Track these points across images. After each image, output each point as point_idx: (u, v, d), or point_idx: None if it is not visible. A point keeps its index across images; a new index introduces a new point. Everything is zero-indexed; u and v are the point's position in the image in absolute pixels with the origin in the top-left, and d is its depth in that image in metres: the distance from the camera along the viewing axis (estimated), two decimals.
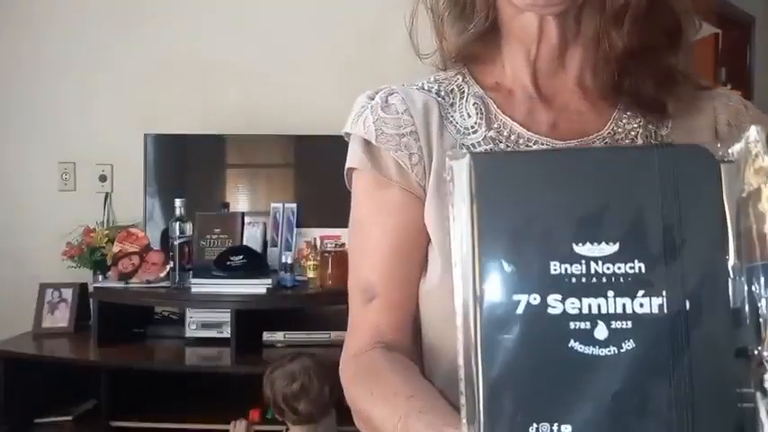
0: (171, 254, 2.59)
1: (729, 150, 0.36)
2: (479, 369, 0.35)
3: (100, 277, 2.75)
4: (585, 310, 0.35)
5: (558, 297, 0.35)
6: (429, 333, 0.73)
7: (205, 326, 2.59)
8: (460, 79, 0.79)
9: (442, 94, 0.77)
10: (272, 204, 2.83)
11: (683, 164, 0.36)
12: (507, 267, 0.36)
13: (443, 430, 0.51)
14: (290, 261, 2.67)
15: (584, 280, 0.35)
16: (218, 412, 2.42)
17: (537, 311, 0.35)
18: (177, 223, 2.58)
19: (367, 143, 0.75)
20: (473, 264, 0.36)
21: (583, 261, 0.35)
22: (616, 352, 0.34)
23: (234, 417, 2.25)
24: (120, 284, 2.62)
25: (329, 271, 2.52)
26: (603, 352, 0.35)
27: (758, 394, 0.34)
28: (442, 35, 0.79)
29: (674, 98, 0.73)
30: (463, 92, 0.77)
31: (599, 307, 0.35)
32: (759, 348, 0.34)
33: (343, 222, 0.79)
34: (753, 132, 0.36)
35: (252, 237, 2.77)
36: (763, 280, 0.35)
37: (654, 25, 0.71)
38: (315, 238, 2.68)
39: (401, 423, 0.58)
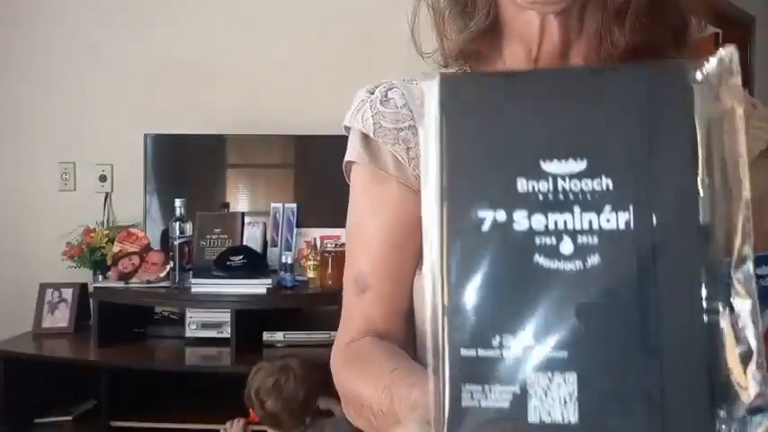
0: (171, 254, 2.59)
1: (703, 70, 0.36)
2: (444, 282, 0.36)
3: (100, 277, 2.75)
4: (552, 226, 0.35)
5: (525, 213, 0.35)
6: (423, 327, 0.72)
7: (205, 326, 2.59)
8: None
9: None
10: (272, 204, 2.83)
11: (655, 82, 0.35)
12: (473, 184, 0.36)
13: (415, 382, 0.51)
14: (290, 261, 2.67)
15: (550, 197, 0.35)
16: (218, 412, 2.41)
17: (503, 228, 0.35)
18: (177, 223, 2.58)
19: (365, 137, 0.75)
20: (440, 181, 0.36)
21: (550, 178, 0.35)
22: (581, 267, 0.34)
23: (234, 417, 2.25)
24: (120, 284, 2.62)
25: (329, 271, 2.51)
26: (568, 267, 0.34)
27: (726, 309, 0.34)
28: (443, 33, 0.78)
29: None
30: None
31: (565, 223, 0.35)
32: (728, 262, 0.34)
33: (343, 222, 0.79)
34: (726, 52, 0.36)
35: (252, 237, 2.77)
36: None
37: (658, 23, 0.70)
38: (315, 238, 2.67)
39: (386, 392, 0.57)
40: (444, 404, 0.34)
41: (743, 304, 0.34)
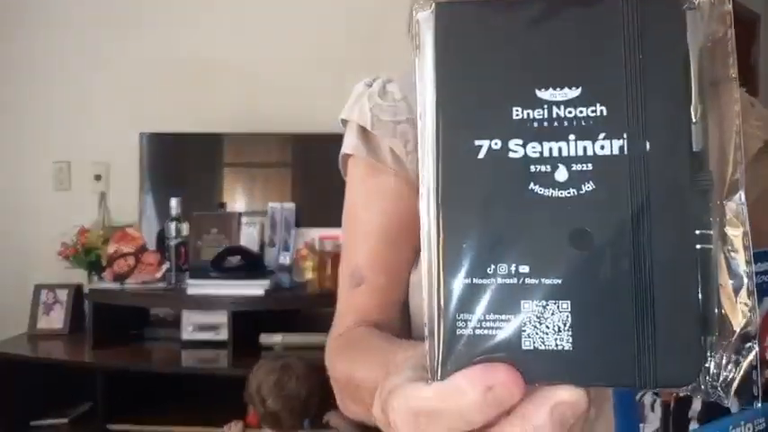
0: (167, 254, 2.57)
1: None
2: (438, 209, 0.36)
3: (95, 278, 2.72)
4: (546, 154, 0.35)
5: (520, 141, 0.35)
6: (418, 322, 0.73)
7: (201, 328, 2.56)
8: None
9: None
10: (270, 204, 2.80)
11: (646, 9, 0.35)
12: (468, 113, 0.36)
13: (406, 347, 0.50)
14: (287, 262, 2.64)
15: (545, 124, 0.35)
16: (215, 415, 2.39)
17: (498, 156, 0.35)
18: (173, 223, 2.56)
19: (363, 130, 0.75)
20: (435, 110, 0.36)
21: (545, 105, 0.35)
22: (575, 193, 0.34)
23: (231, 419, 2.23)
24: (116, 285, 2.60)
25: (328, 272, 2.48)
26: (563, 193, 0.34)
27: (718, 237, 0.35)
28: None
29: None
30: None
31: (560, 150, 0.35)
32: (720, 190, 0.35)
33: (342, 222, 0.78)
34: None
35: (249, 237, 2.74)
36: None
37: None
38: (313, 239, 2.64)
39: (382, 369, 0.54)
40: (439, 334, 0.34)
41: (734, 232, 0.35)
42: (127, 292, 2.57)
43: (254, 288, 2.46)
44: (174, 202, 2.56)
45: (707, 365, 0.34)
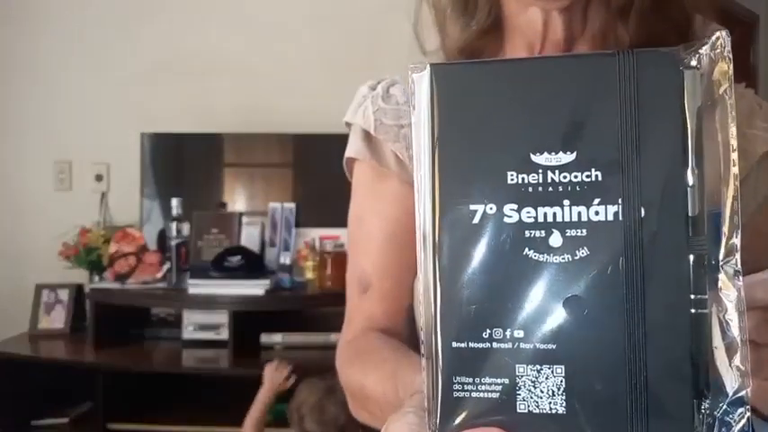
0: (168, 254, 2.57)
1: (694, 56, 0.36)
2: (437, 276, 0.36)
3: (96, 278, 2.72)
4: (541, 219, 0.35)
5: (515, 206, 0.35)
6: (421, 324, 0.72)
7: (202, 327, 2.57)
8: None
9: None
10: (270, 204, 2.80)
11: (643, 70, 0.35)
12: (464, 177, 0.36)
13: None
14: (288, 262, 2.65)
15: (540, 189, 0.35)
16: (216, 415, 2.39)
17: (493, 221, 0.36)
18: (174, 223, 2.56)
19: (366, 133, 0.75)
20: (432, 173, 0.37)
21: (540, 170, 0.35)
22: (570, 259, 0.35)
23: (231, 419, 2.23)
24: (117, 285, 2.60)
25: (328, 272, 2.49)
26: (557, 259, 0.35)
27: (713, 302, 0.34)
28: (445, 31, 0.78)
29: None
30: None
31: (554, 215, 0.35)
32: (716, 254, 0.35)
33: (342, 222, 0.78)
34: (717, 36, 0.36)
35: (250, 237, 2.74)
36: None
37: (662, 19, 0.69)
38: (314, 239, 2.65)
39: (390, 381, 0.58)
40: (437, 395, 0.35)
41: (729, 296, 0.34)
42: (128, 292, 2.57)
43: (255, 288, 2.46)
44: (174, 201, 2.57)
45: (699, 429, 0.34)
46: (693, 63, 0.35)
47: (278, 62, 2.91)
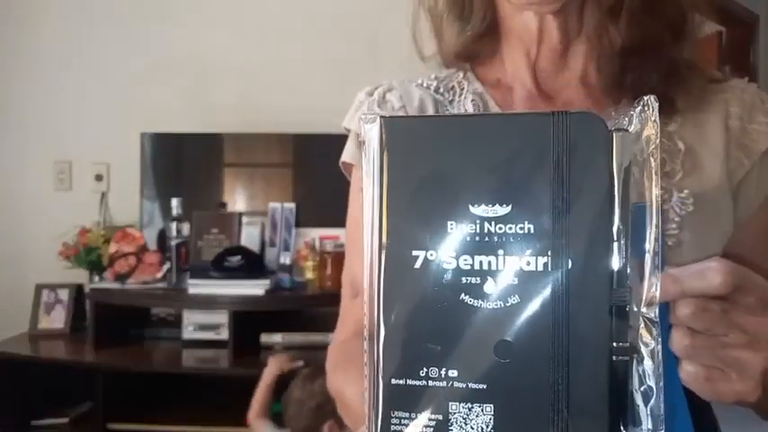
0: (168, 254, 2.57)
1: (625, 118, 0.39)
2: (379, 315, 0.39)
3: (96, 278, 2.73)
4: (477, 267, 0.38)
5: (453, 254, 0.38)
6: None
7: (202, 327, 2.57)
8: (461, 76, 0.79)
9: (441, 90, 0.77)
10: (270, 204, 2.80)
11: (576, 130, 0.38)
12: (409, 225, 0.39)
13: None
14: (288, 262, 2.65)
15: (477, 239, 0.38)
16: (216, 415, 2.40)
17: (433, 266, 0.38)
18: (174, 223, 2.56)
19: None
20: (380, 220, 0.39)
21: (477, 221, 0.38)
22: (502, 305, 0.37)
23: (231, 419, 2.23)
24: (117, 285, 2.60)
25: (328, 272, 2.49)
26: (491, 305, 0.38)
27: (632, 350, 0.38)
28: (442, 36, 0.79)
29: (683, 92, 0.71)
30: (462, 88, 0.77)
31: (489, 264, 0.38)
32: (637, 305, 0.38)
33: (342, 222, 0.79)
34: (647, 101, 0.39)
35: (250, 237, 2.74)
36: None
37: (656, 18, 0.69)
38: (313, 239, 2.65)
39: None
40: (376, 428, 0.38)
41: (647, 346, 0.38)
42: (128, 292, 2.57)
43: (255, 288, 2.46)
44: (174, 202, 2.57)
45: None
46: (624, 125, 0.38)
47: (278, 62, 2.91)
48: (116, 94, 2.96)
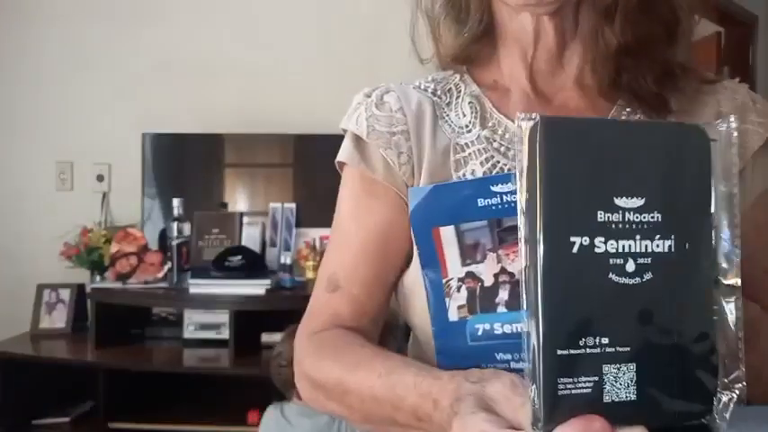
0: (169, 254, 2.58)
1: (717, 130, 0.49)
2: (540, 294, 0.45)
3: (97, 278, 2.73)
4: (620, 250, 0.46)
5: (602, 239, 0.45)
6: (416, 332, 0.75)
7: (203, 327, 2.58)
8: (458, 78, 0.80)
9: (439, 93, 0.78)
10: (271, 204, 2.81)
11: (685, 140, 0.48)
12: (567, 215, 0.46)
13: (436, 374, 0.58)
14: (288, 261, 2.66)
15: (620, 226, 0.46)
16: (217, 414, 2.41)
17: (587, 250, 0.45)
18: (175, 223, 2.57)
19: (358, 139, 0.76)
20: (538, 211, 0.46)
21: (620, 211, 0.46)
22: (640, 281, 0.46)
23: (232, 418, 2.23)
24: (118, 285, 2.61)
25: None
26: (631, 281, 0.46)
27: (726, 311, 0.49)
28: (439, 39, 0.80)
29: (677, 93, 0.72)
30: (460, 91, 0.78)
31: (630, 247, 0.46)
32: (728, 279, 0.49)
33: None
34: (731, 118, 0.50)
35: (250, 237, 2.75)
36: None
37: (651, 19, 0.70)
38: (314, 239, 2.66)
39: (381, 380, 0.62)
40: (541, 394, 0.44)
41: (731, 306, 0.49)
42: (129, 292, 2.58)
43: (256, 287, 2.47)
44: (176, 202, 2.58)
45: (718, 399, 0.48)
46: (716, 138, 0.49)
47: (279, 63, 2.92)
48: (118, 95, 2.97)
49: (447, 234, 0.63)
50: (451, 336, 0.62)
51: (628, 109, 0.73)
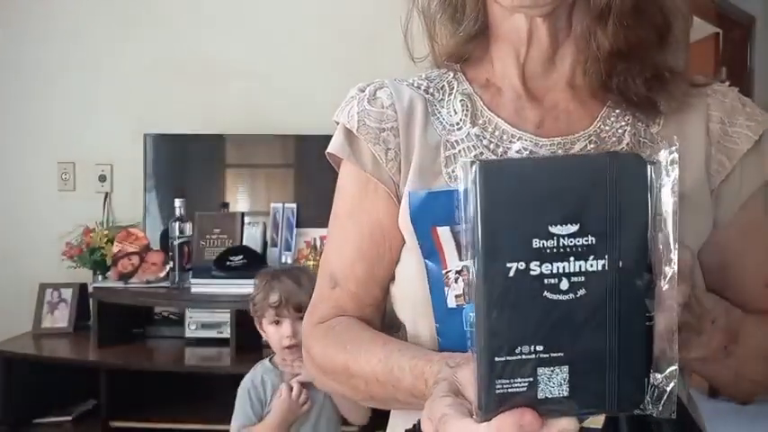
0: (170, 254, 2.59)
1: (655, 158, 0.53)
2: (482, 313, 0.50)
3: (99, 277, 2.75)
4: (555, 271, 0.50)
5: (538, 263, 0.50)
6: (408, 328, 0.77)
7: (205, 326, 2.59)
8: (451, 76, 0.81)
9: (431, 90, 0.79)
10: (272, 204, 2.83)
11: (623, 165, 0.52)
12: (503, 243, 0.51)
13: (429, 356, 0.64)
14: (289, 261, 2.67)
15: (555, 250, 0.50)
16: (218, 413, 2.41)
17: (522, 273, 0.50)
18: (177, 223, 2.58)
19: (348, 132, 0.78)
20: (476, 241, 0.51)
21: (555, 237, 0.51)
22: (574, 297, 0.51)
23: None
24: (120, 284, 2.62)
25: None
26: (565, 298, 0.51)
27: (660, 318, 0.53)
28: (434, 37, 0.81)
29: (666, 96, 0.73)
30: (452, 88, 0.79)
31: (564, 268, 0.51)
32: (665, 284, 0.53)
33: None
34: (671, 142, 0.53)
35: (251, 237, 2.76)
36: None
37: (642, 23, 0.72)
38: (315, 239, 2.67)
39: (381, 364, 0.67)
40: (482, 392, 0.51)
41: (664, 314, 0.53)
42: (131, 291, 2.59)
43: None
44: (177, 202, 2.59)
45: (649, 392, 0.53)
46: (654, 160, 0.52)
47: (280, 64, 2.94)
48: (119, 96, 2.99)
49: (444, 233, 0.68)
50: (451, 321, 0.69)
51: (617, 110, 0.74)
